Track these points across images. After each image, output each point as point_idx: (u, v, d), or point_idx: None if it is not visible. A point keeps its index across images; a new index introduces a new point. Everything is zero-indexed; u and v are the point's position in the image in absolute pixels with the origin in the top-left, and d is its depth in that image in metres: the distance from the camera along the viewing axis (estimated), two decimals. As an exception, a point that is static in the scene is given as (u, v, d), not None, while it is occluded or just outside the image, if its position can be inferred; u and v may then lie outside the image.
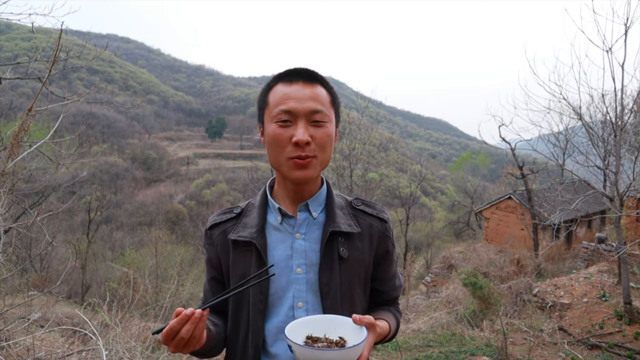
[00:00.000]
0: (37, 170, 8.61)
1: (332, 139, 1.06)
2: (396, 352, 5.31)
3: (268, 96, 1.06)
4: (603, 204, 13.12)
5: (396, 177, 44.99)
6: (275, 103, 1.03)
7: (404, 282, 1.33)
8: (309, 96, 1.02)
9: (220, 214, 1.17)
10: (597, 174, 6.92)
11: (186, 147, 75.41)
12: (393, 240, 1.20)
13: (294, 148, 1.00)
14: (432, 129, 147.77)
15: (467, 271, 8.01)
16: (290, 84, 1.03)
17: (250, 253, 1.07)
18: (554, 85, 6.50)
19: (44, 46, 3.96)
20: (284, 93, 1.02)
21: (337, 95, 1.11)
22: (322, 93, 1.05)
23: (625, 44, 5.09)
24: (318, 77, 1.06)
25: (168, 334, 0.84)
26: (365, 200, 1.21)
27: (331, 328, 0.95)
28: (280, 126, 1.01)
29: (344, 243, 1.07)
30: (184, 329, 0.84)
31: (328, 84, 1.08)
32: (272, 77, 1.09)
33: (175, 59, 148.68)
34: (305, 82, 1.04)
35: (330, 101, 1.07)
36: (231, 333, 1.12)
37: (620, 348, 5.19)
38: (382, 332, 1.03)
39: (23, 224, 3.28)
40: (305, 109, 1.00)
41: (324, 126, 1.03)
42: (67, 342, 4.21)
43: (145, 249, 15.55)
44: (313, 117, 1.01)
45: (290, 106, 1.00)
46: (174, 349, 0.87)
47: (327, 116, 1.04)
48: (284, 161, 1.02)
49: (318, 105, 1.02)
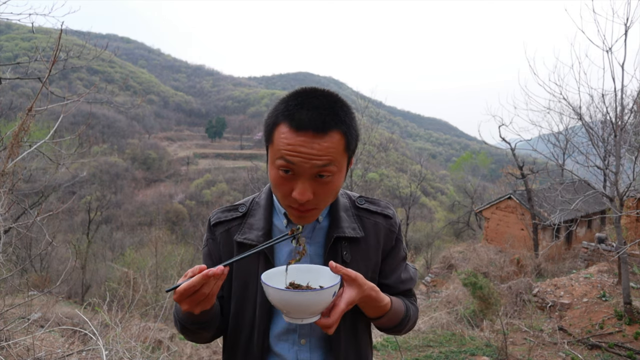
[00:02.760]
0: (37, 170, 8.61)
1: (338, 188, 1.00)
2: (396, 352, 5.31)
3: (274, 134, 0.94)
4: (603, 204, 13.11)
5: (396, 177, 45.00)
6: (278, 147, 0.92)
7: (417, 278, 1.29)
8: (316, 152, 0.89)
9: (225, 211, 1.15)
10: (597, 174, 6.91)
11: (186, 147, 75.44)
12: (399, 234, 1.18)
13: (294, 199, 0.95)
14: (432, 129, 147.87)
15: (467, 271, 8.01)
16: (297, 133, 0.89)
17: (256, 256, 1.06)
18: (554, 85, 6.49)
19: (44, 46, 3.96)
20: (288, 142, 0.90)
21: (354, 135, 0.97)
22: (334, 141, 0.91)
23: (625, 44, 5.09)
24: (332, 123, 0.90)
25: (187, 291, 0.84)
26: (369, 197, 1.19)
27: (313, 278, 0.97)
28: (281, 175, 0.94)
29: (347, 247, 1.07)
30: (206, 286, 0.85)
31: (344, 125, 0.93)
32: (281, 105, 0.94)
33: (175, 59, 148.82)
34: (315, 132, 0.89)
35: (344, 147, 0.94)
36: (232, 333, 1.11)
37: (620, 348, 5.18)
38: (376, 296, 1.00)
39: (23, 224, 3.28)
40: (311, 166, 0.90)
41: (329, 181, 0.95)
42: (67, 342, 4.21)
43: (145, 249, 15.57)
44: (318, 172, 0.92)
45: (293, 160, 0.90)
46: (188, 306, 0.87)
47: (335, 168, 0.93)
48: (284, 204, 1.00)
49: (326, 161, 0.91)
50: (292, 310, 0.88)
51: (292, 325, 1.05)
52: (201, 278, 0.83)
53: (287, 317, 0.91)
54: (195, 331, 1.03)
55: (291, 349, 1.05)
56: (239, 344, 1.09)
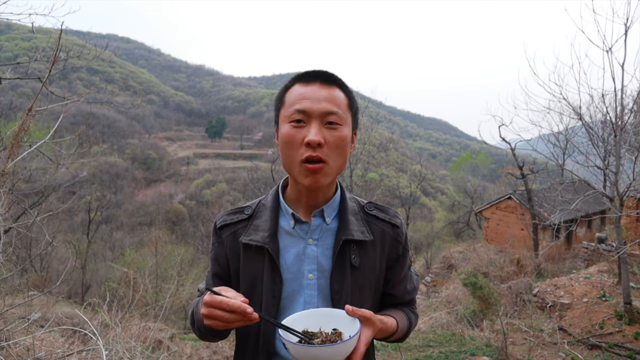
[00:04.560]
0: (37, 170, 8.62)
1: (348, 143, 1.04)
2: (396, 352, 5.31)
3: (285, 96, 1.05)
4: (603, 204, 13.11)
5: (396, 177, 45.02)
6: (290, 103, 1.02)
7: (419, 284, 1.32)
8: (324, 97, 1.00)
9: (231, 214, 1.16)
10: (597, 174, 6.91)
11: (186, 147, 75.42)
12: (406, 244, 1.19)
13: (305, 149, 0.98)
14: (432, 129, 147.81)
15: (467, 271, 8.01)
16: (307, 84, 1.02)
17: (262, 257, 1.06)
18: (554, 85, 6.49)
19: (44, 46, 3.96)
20: (299, 93, 1.01)
21: (355, 100, 1.09)
22: (340, 95, 1.03)
23: (625, 44, 5.08)
24: (336, 80, 1.05)
25: (217, 305, 0.86)
26: (378, 204, 1.20)
27: (326, 321, 0.96)
28: (293, 126, 0.99)
29: (355, 250, 1.07)
30: (231, 317, 0.86)
31: (347, 88, 1.07)
32: (291, 78, 1.08)
33: (175, 59, 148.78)
34: (322, 83, 1.02)
35: (347, 104, 1.05)
36: (240, 338, 1.11)
37: (620, 348, 5.18)
38: (385, 327, 1.02)
39: (23, 224, 3.28)
40: (320, 109, 0.99)
41: (338, 129, 1.01)
42: (67, 342, 4.21)
43: (145, 249, 15.57)
44: (327, 118, 0.99)
45: (304, 106, 0.99)
46: (206, 313, 0.88)
47: (342, 119, 1.02)
48: (296, 165, 1.00)
49: (334, 107, 1.00)
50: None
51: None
52: (238, 306, 0.84)
53: None
54: (212, 333, 1.06)
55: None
56: (247, 347, 1.09)
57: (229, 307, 0.85)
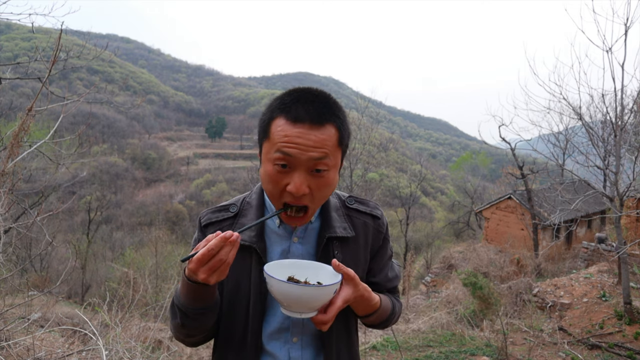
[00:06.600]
0: (37, 170, 8.62)
1: (334, 185, 1.01)
2: (396, 352, 5.31)
3: (270, 128, 0.96)
4: (603, 204, 13.12)
5: (396, 177, 44.94)
6: (274, 141, 0.93)
7: (402, 275, 1.33)
8: (313, 143, 0.91)
9: (215, 212, 1.14)
10: (597, 174, 6.91)
11: (186, 147, 75.44)
12: (387, 234, 1.21)
13: (288, 194, 0.96)
14: (432, 129, 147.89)
15: (467, 271, 8.01)
16: (294, 124, 0.92)
17: (249, 256, 1.06)
18: (554, 85, 6.50)
19: (44, 46, 3.95)
20: (285, 134, 0.92)
21: (347, 131, 1.00)
22: (330, 134, 0.94)
23: (625, 44, 5.09)
24: (327, 115, 0.94)
25: (205, 256, 0.84)
26: (358, 197, 1.21)
27: (312, 274, 0.99)
28: (277, 170, 0.95)
29: (338, 247, 1.09)
30: (223, 251, 0.85)
31: (339, 117, 0.96)
32: (276, 101, 0.97)
33: (175, 59, 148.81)
34: (312, 124, 0.92)
35: (337, 140, 0.96)
36: (224, 333, 1.10)
37: (620, 348, 5.18)
38: (368, 295, 1.03)
39: (23, 224, 3.28)
40: (307, 157, 0.92)
41: (325, 176, 0.96)
42: (67, 342, 4.21)
43: (145, 249, 15.58)
44: (315, 166, 0.93)
45: (290, 152, 0.91)
46: (205, 275, 0.86)
47: (331, 162, 0.95)
48: (277, 201, 1.00)
49: (322, 153, 0.93)
50: (293, 304, 0.89)
51: (285, 324, 1.06)
52: (219, 240, 0.84)
53: (286, 310, 0.92)
54: (196, 318, 0.98)
55: (283, 347, 1.06)
56: (231, 343, 1.08)
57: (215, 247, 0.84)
